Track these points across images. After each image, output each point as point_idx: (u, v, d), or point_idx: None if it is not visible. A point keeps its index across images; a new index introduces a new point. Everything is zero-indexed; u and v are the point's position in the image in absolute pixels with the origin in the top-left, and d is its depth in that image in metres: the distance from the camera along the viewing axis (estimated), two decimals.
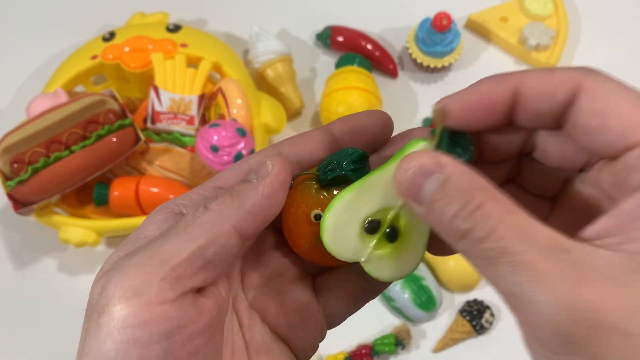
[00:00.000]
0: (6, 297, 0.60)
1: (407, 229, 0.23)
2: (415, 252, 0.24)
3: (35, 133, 0.51)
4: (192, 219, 0.21)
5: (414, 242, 0.24)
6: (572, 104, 0.20)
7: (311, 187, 0.23)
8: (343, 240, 0.23)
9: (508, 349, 0.57)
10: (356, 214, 0.23)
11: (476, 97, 0.21)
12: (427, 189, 0.19)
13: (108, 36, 0.62)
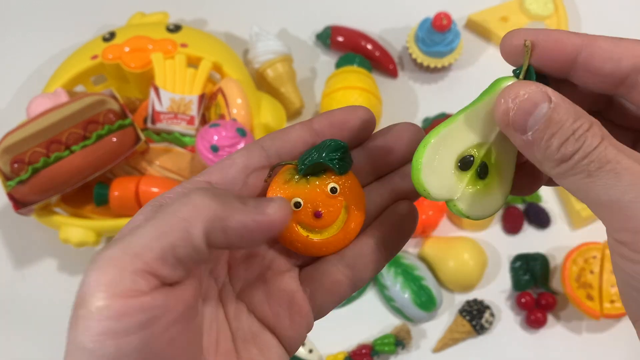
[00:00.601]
0: (6, 297, 0.60)
1: (496, 165, 0.23)
2: (504, 188, 0.24)
3: (36, 133, 0.51)
4: (170, 212, 0.21)
5: (502, 178, 0.24)
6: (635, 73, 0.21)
7: (292, 177, 0.24)
8: (438, 176, 0.22)
9: (508, 349, 0.57)
10: (451, 150, 0.23)
11: (551, 40, 0.22)
12: (536, 116, 0.20)
13: (108, 36, 0.62)
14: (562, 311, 0.58)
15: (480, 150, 0.23)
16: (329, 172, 0.24)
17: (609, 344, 0.57)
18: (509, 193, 0.24)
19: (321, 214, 0.25)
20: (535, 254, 0.59)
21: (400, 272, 0.56)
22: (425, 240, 0.60)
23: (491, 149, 0.23)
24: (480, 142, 0.23)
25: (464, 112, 0.23)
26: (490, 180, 0.24)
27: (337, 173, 0.24)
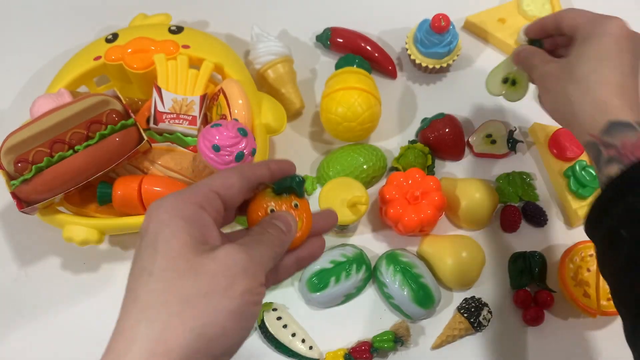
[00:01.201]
0: (10, 295, 0.61)
1: (519, 80, 0.57)
2: (524, 89, 0.58)
3: (39, 133, 0.52)
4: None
5: (522, 85, 0.58)
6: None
7: (269, 193, 0.36)
8: (495, 85, 0.58)
9: (505, 346, 0.57)
10: (498, 75, 0.58)
11: (539, 24, 0.54)
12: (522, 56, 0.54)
13: (111, 37, 0.63)
14: (559, 309, 0.58)
15: (510, 74, 0.58)
16: (292, 195, 0.36)
17: (606, 341, 0.57)
18: (527, 91, 0.58)
19: None
20: (532, 252, 0.60)
21: (399, 270, 0.57)
22: (423, 238, 0.61)
23: (516, 74, 0.57)
24: (510, 71, 0.57)
25: (503, 62, 0.58)
26: (517, 87, 0.58)
27: (299, 196, 0.36)
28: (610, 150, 0.44)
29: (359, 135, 0.63)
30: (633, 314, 0.41)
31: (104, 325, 0.60)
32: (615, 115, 0.45)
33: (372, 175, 0.63)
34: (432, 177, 0.59)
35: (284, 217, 0.34)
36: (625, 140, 0.43)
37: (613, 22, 0.49)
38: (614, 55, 0.47)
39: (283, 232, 0.33)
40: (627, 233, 0.41)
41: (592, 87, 0.46)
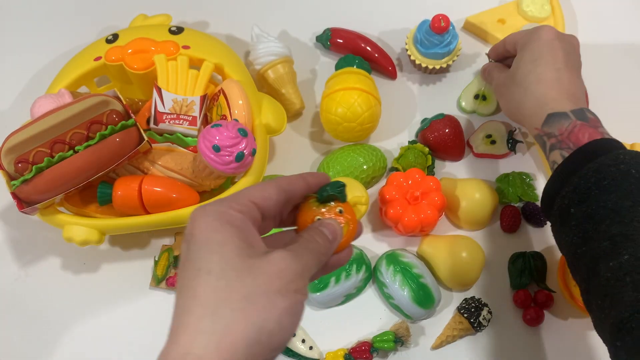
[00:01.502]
0: (10, 295, 0.61)
1: (488, 95, 0.67)
2: (494, 103, 0.67)
3: (39, 133, 0.52)
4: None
5: (492, 100, 0.67)
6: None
7: (314, 203, 0.37)
8: (468, 102, 0.68)
9: (505, 346, 0.57)
10: (470, 92, 0.68)
11: (493, 49, 0.63)
12: (486, 71, 0.64)
13: (111, 38, 0.63)
14: (559, 309, 0.58)
15: (480, 91, 0.67)
16: (336, 201, 0.37)
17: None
18: (495, 107, 0.67)
19: None
20: (532, 253, 0.60)
21: (399, 270, 0.57)
22: (423, 238, 0.61)
23: (486, 90, 0.67)
24: (480, 88, 0.67)
25: (474, 80, 0.69)
26: (487, 102, 0.67)
27: (341, 201, 0.37)
28: (552, 139, 0.50)
29: (358, 135, 0.63)
30: (584, 281, 0.45)
31: (104, 325, 0.60)
32: (552, 107, 0.51)
33: (372, 176, 0.63)
34: (432, 178, 0.59)
35: (331, 225, 0.36)
36: (562, 128, 0.50)
37: (542, 29, 0.55)
38: (546, 54, 0.53)
39: (329, 240, 0.35)
40: (575, 210, 0.46)
41: (530, 86, 0.53)
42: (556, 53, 0.53)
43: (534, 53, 0.54)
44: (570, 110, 0.50)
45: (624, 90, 0.69)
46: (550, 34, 0.54)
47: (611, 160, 0.46)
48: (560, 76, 0.52)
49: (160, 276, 0.60)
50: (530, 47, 0.55)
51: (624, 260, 0.41)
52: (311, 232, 0.35)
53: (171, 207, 0.56)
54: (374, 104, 0.62)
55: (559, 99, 0.51)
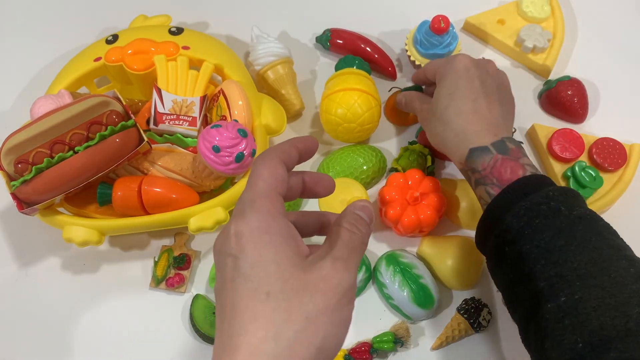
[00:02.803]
0: (10, 296, 0.61)
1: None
2: None
3: (39, 134, 0.52)
4: None
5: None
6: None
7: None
8: None
9: (505, 347, 0.57)
10: None
11: (416, 75, 0.63)
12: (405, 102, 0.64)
13: (111, 38, 0.63)
14: None
15: None
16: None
17: None
18: None
19: None
20: None
21: (398, 271, 0.57)
22: (423, 239, 0.61)
23: None
24: None
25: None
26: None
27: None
28: (475, 174, 0.50)
29: (358, 136, 0.63)
30: (523, 320, 0.45)
31: (104, 325, 0.60)
32: (473, 141, 0.51)
33: (371, 176, 0.63)
34: (432, 178, 0.59)
35: (366, 207, 0.35)
36: (484, 163, 0.50)
37: (456, 59, 0.55)
38: (462, 86, 0.53)
39: (367, 224, 0.34)
40: (509, 249, 0.46)
41: (450, 121, 0.52)
42: (472, 83, 0.53)
43: (450, 85, 0.53)
44: (490, 144, 0.50)
45: (623, 91, 0.69)
46: (463, 62, 0.54)
47: (542, 198, 0.46)
48: (477, 107, 0.52)
49: (160, 277, 0.60)
50: (447, 79, 0.54)
51: (562, 302, 0.42)
52: (350, 220, 0.34)
53: (171, 207, 0.56)
54: (373, 104, 0.62)
55: (479, 131, 0.51)
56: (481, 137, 0.50)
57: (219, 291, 0.32)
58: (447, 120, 0.53)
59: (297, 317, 0.30)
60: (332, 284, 0.31)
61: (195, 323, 0.57)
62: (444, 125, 0.53)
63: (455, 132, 0.52)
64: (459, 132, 0.52)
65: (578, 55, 0.72)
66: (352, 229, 0.33)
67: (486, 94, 0.53)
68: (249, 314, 0.30)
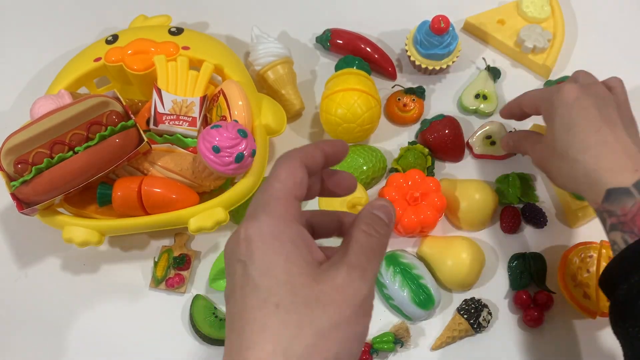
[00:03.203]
0: (9, 296, 0.61)
1: (489, 95, 0.68)
2: (494, 103, 0.68)
3: (39, 134, 0.52)
4: None
5: (492, 100, 0.68)
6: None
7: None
8: (469, 102, 0.67)
9: (505, 347, 0.57)
10: (471, 92, 0.68)
11: (507, 109, 0.59)
12: (512, 145, 0.60)
13: (111, 39, 0.63)
14: (558, 310, 0.58)
15: (481, 91, 0.68)
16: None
17: (606, 342, 0.57)
18: (496, 107, 0.68)
19: None
20: (532, 254, 0.60)
21: (398, 271, 0.57)
22: (423, 239, 0.61)
23: (486, 90, 0.68)
24: (481, 88, 0.68)
25: (474, 80, 0.69)
26: (488, 101, 0.67)
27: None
28: (612, 217, 0.45)
29: (358, 136, 0.63)
30: None
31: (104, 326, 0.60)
32: (609, 181, 0.45)
33: (371, 177, 0.63)
34: (432, 178, 0.59)
35: (384, 207, 0.32)
36: (625, 208, 0.44)
37: (564, 91, 0.49)
38: (578, 120, 0.47)
39: (387, 224, 0.32)
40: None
41: (577, 158, 0.47)
42: (589, 114, 0.47)
43: (564, 121, 0.48)
44: (632, 184, 0.44)
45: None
46: (572, 93, 0.48)
47: None
48: (604, 139, 0.46)
49: (159, 277, 0.60)
50: (559, 115, 0.48)
51: None
52: (367, 222, 0.31)
53: (171, 208, 0.56)
54: (373, 104, 0.62)
55: (614, 168, 0.45)
56: (619, 175, 0.44)
57: (229, 298, 0.30)
58: (574, 158, 0.47)
59: (308, 331, 0.28)
60: (347, 294, 0.29)
61: (195, 323, 0.57)
62: (571, 164, 0.47)
63: (586, 171, 0.46)
64: (590, 170, 0.46)
65: (578, 55, 0.72)
66: (370, 231, 0.31)
67: (608, 122, 0.47)
68: (257, 326, 0.28)
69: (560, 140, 0.48)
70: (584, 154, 0.46)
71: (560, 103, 0.49)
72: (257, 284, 0.29)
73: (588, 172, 0.46)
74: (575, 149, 0.47)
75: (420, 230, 0.58)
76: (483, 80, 0.68)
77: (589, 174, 0.46)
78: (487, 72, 0.69)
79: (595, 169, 0.45)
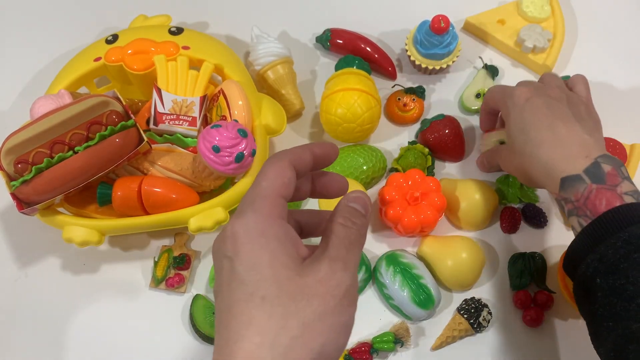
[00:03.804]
0: (10, 296, 0.61)
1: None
2: None
3: (39, 134, 0.52)
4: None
5: None
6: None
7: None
8: (470, 101, 0.67)
9: (505, 347, 0.57)
10: (472, 91, 0.68)
11: (483, 122, 0.63)
12: (486, 163, 0.62)
13: (111, 38, 0.63)
14: (558, 309, 0.58)
15: (482, 90, 0.67)
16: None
17: None
18: None
19: None
20: (532, 253, 0.60)
21: (398, 271, 0.57)
22: (423, 239, 0.61)
23: (486, 89, 0.67)
24: (482, 87, 0.67)
25: (474, 79, 0.69)
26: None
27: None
28: (569, 204, 0.48)
29: (358, 136, 0.63)
30: (607, 356, 0.43)
31: (104, 325, 0.60)
32: (562, 169, 0.47)
33: (372, 176, 0.63)
34: (432, 178, 0.59)
35: (359, 198, 0.33)
36: (577, 194, 0.46)
37: (515, 93, 0.52)
38: (529, 119, 0.50)
39: (363, 215, 0.33)
40: (601, 281, 0.43)
41: (533, 154, 0.49)
42: (540, 112, 0.50)
43: (517, 122, 0.51)
44: (583, 170, 0.46)
45: (623, 91, 0.69)
46: (523, 95, 0.51)
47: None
48: (556, 133, 0.48)
49: (159, 277, 0.60)
50: (512, 116, 0.52)
51: None
52: (344, 214, 0.32)
53: (171, 207, 0.56)
54: (373, 104, 0.62)
55: (567, 156, 0.47)
56: (571, 163, 0.47)
57: (217, 293, 0.31)
58: (530, 154, 0.49)
59: (294, 323, 0.29)
60: (330, 286, 0.30)
61: (195, 323, 0.57)
62: (528, 160, 0.50)
63: (542, 164, 0.48)
64: (545, 163, 0.48)
65: (578, 55, 0.72)
66: (347, 223, 0.32)
67: (561, 118, 0.49)
68: (244, 319, 0.29)
69: (517, 140, 0.51)
70: (539, 148, 0.49)
71: (513, 106, 0.52)
72: (243, 279, 0.29)
73: (543, 164, 0.48)
74: (530, 145, 0.49)
75: (420, 230, 0.58)
76: (482, 79, 0.68)
77: (545, 166, 0.48)
78: (485, 71, 0.69)
79: (549, 160, 0.48)
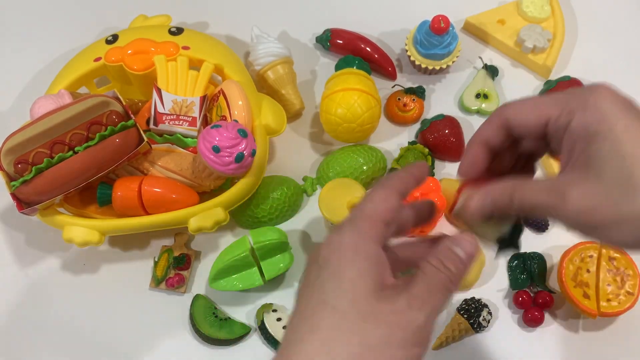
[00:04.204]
0: (10, 296, 0.61)
1: (490, 94, 0.67)
2: (495, 102, 0.68)
3: (39, 134, 0.52)
4: None
5: (494, 98, 0.67)
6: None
7: None
8: (470, 102, 0.67)
9: (505, 347, 0.57)
10: (471, 92, 0.68)
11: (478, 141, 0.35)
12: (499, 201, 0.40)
13: (111, 39, 0.63)
14: (558, 310, 0.58)
15: (482, 90, 0.67)
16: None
17: (606, 342, 0.57)
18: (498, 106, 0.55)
19: None
20: (532, 253, 0.60)
21: None
22: None
23: (486, 89, 0.67)
24: (482, 87, 0.67)
25: (474, 79, 0.68)
26: (489, 100, 0.67)
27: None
28: None
29: (358, 136, 0.63)
30: None
31: (104, 325, 0.60)
32: None
33: (372, 176, 0.63)
34: (432, 178, 0.59)
35: (467, 242, 0.31)
36: None
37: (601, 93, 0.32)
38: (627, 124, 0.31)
39: (463, 262, 0.31)
40: None
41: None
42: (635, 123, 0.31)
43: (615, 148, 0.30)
44: None
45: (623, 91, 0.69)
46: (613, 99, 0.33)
47: None
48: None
49: (159, 277, 0.60)
50: (603, 148, 0.30)
51: None
52: (440, 256, 0.31)
53: (171, 207, 0.56)
54: (373, 104, 0.62)
55: None
56: None
57: (297, 295, 0.33)
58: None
59: (356, 341, 0.29)
60: (402, 320, 0.29)
61: (195, 323, 0.57)
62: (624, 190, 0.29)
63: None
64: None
65: (578, 55, 0.72)
66: (439, 266, 0.30)
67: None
68: (311, 323, 0.30)
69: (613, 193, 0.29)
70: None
71: (610, 129, 0.31)
72: (322, 286, 0.30)
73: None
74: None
75: (420, 230, 0.58)
76: (482, 79, 0.68)
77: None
78: (484, 71, 0.69)
79: None
